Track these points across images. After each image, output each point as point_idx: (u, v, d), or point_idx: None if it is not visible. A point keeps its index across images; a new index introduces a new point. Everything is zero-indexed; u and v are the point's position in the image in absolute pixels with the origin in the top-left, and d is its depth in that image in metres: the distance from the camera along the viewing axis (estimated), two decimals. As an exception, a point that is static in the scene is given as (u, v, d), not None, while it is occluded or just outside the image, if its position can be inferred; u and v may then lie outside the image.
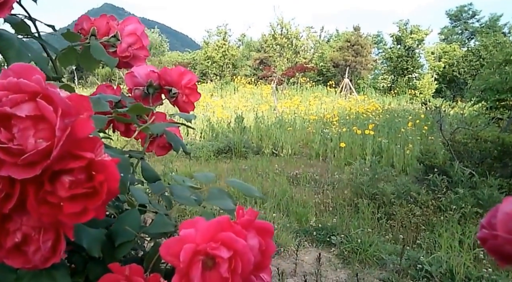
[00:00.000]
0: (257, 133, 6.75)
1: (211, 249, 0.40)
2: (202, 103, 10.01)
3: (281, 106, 9.24)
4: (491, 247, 0.32)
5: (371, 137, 5.68)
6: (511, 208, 0.32)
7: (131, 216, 0.47)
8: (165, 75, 0.79)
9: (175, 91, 0.79)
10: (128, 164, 0.43)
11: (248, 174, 4.64)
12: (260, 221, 0.45)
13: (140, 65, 0.67)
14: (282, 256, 2.63)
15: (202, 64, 16.32)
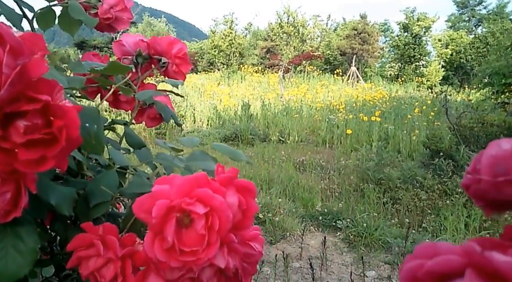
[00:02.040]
0: (263, 121, 6.72)
1: (186, 204, 0.37)
2: (209, 92, 10.00)
3: (288, 95, 9.19)
4: (475, 192, 0.29)
5: (378, 124, 5.62)
6: (496, 150, 0.29)
7: (108, 177, 0.45)
8: (155, 44, 0.77)
9: (165, 61, 0.76)
10: (96, 115, 0.40)
11: (255, 160, 4.62)
12: (241, 180, 0.43)
13: (124, 28, 0.64)
14: (288, 240, 2.62)
15: (209, 54, 16.25)
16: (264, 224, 2.78)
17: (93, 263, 0.40)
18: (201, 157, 0.49)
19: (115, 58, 0.76)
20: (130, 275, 0.41)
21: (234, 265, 0.41)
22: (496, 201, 0.29)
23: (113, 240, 0.40)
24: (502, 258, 0.18)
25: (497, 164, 0.29)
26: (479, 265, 0.19)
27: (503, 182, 0.28)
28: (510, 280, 0.18)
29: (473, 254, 0.19)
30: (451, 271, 0.19)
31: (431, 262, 0.20)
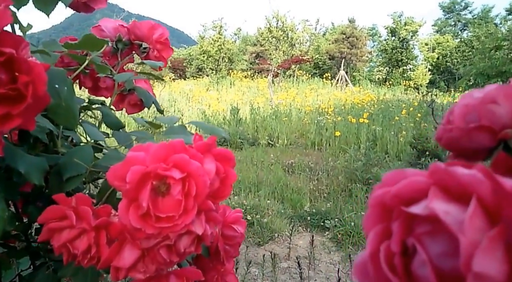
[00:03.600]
0: (253, 125, 6.72)
1: (162, 170, 0.37)
2: (197, 97, 9.98)
3: (277, 99, 9.21)
4: (447, 142, 0.29)
5: (366, 125, 5.67)
6: (468, 100, 0.29)
7: (83, 151, 0.44)
8: (135, 29, 0.76)
9: (146, 46, 0.75)
10: (65, 76, 0.39)
11: (243, 164, 4.61)
12: (220, 148, 0.42)
13: (101, 7, 0.63)
14: (276, 241, 2.61)
15: (198, 59, 16.24)
16: (252, 225, 2.77)
17: (66, 234, 0.39)
18: (179, 130, 0.48)
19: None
20: (105, 246, 0.40)
21: (212, 233, 0.40)
22: (467, 149, 0.29)
23: (87, 210, 0.39)
24: (465, 172, 0.17)
25: (469, 113, 0.29)
26: (444, 182, 0.18)
27: (473, 128, 0.28)
28: (472, 193, 0.17)
29: (438, 172, 0.18)
30: (418, 193, 0.19)
31: (398, 186, 0.19)
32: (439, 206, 0.17)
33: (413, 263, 0.18)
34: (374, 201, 0.20)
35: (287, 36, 15.00)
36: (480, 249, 0.16)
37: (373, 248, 0.19)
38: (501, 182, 0.17)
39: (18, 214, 0.53)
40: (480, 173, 0.17)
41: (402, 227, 0.19)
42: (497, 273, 0.16)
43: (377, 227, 0.20)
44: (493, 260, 0.16)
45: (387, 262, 0.19)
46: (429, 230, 0.18)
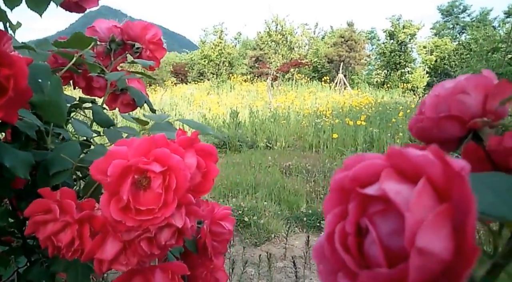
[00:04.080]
0: (251, 128, 6.73)
1: (143, 163, 0.37)
2: (198, 101, 9.99)
3: (276, 102, 9.22)
4: (418, 131, 0.30)
5: (363, 128, 5.67)
6: (439, 90, 0.30)
7: (70, 147, 0.45)
8: (128, 29, 0.77)
9: (139, 46, 0.76)
10: (48, 70, 0.40)
11: (241, 166, 4.61)
12: (202, 143, 0.43)
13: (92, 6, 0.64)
14: (273, 242, 2.61)
15: (199, 64, 16.27)
16: (249, 227, 2.77)
17: (50, 227, 0.40)
18: (165, 127, 0.49)
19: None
20: (88, 239, 0.40)
21: (192, 226, 0.41)
22: (438, 138, 0.30)
23: (70, 204, 0.40)
24: (418, 153, 0.18)
25: (440, 103, 0.29)
26: (399, 164, 0.19)
27: (443, 117, 0.28)
28: (423, 173, 0.18)
29: (394, 155, 0.19)
30: (375, 175, 0.19)
31: (355, 168, 0.20)
32: (391, 186, 0.18)
33: (365, 243, 0.19)
34: (334, 185, 0.21)
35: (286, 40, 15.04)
36: (424, 225, 0.16)
37: (330, 229, 0.20)
38: (451, 163, 0.17)
39: (14, 211, 0.54)
40: (431, 154, 0.18)
41: (357, 208, 0.19)
42: (441, 250, 0.17)
43: (335, 210, 0.21)
44: (438, 237, 0.17)
45: (341, 242, 0.19)
46: (381, 210, 0.18)
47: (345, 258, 0.19)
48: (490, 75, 0.28)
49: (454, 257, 0.17)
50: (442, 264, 0.17)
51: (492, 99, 0.27)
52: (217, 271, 0.74)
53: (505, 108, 0.28)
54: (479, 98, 0.28)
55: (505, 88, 0.27)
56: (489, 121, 0.28)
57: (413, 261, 0.16)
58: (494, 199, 0.22)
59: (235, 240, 2.68)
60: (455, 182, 0.17)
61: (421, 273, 0.17)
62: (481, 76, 0.28)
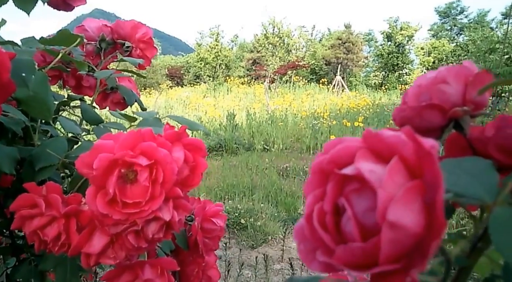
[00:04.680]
0: (248, 130, 6.73)
1: (129, 157, 0.37)
2: (194, 104, 9.99)
3: (273, 104, 9.23)
4: (400, 121, 0.30)
5: (361, 129, 5.69)
6: (421, 81, 0.30)
7: (56, 142, 0.45)
8: (118, 28, 0.77)
9: (129, 45, 0.76)
10: (32, 65, 0.40)
11: (238, 169, 4.61)
12: (190, 138, 0.43)
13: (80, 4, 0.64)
14: (270, 244, 2.61)
15: (195, 67, 16.29)
16: (246, 229, 2.77)
17: (36, 222, 0.40)
18: (154, 123, 0.49)
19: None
20: (74, 233, 0.40)
21: (180, 219, 0.41)
22: (420, 128, 0.30)
23: (56, 198, 0.39)
24: (390, 134, 0.18)
25: (422, 93, 0.30)
26: (373, 145, 0.19)
27: (424, 106, 0.28)
28: (396, 152, 0.18)
29: (369, 136, 0.19)
30: (351, 157, 0.19)
31: (333, 151, 0.20)
32: (365, 165, 0.18)
33: (342, 221, 0.19)
34: (314, 168, 0.21)
35: (283, 42, 15.09)
36: (395, 200, 0.16)
37: (309, 209, 0.20)
38: (422, 142, 0.17)
39: (1, 209, 0.54)
40: (403, 135, 0.18)
41: (335, 188, 0.19)
42: (412, 224, 0.17)
43: (315, 191, 0.21)
44: (409, 211, 0.17)
45: (319, 221, 0.19)
46: (356, 188, 0.18)
47: (323, 236, 0.19)
48: (470, 66, 0.29)
49: (426, 232, 0.17)
50: (414, 238, 0.17)
51: (471, 89, 0.28)
52: (209, 269, 0.74)
53: (485, 98, 0.29)
54: (459, 88, 0.28)
55: (484, 78, 0.27)
56: (469, 111, 0.28)
57: (384, 234, 0.16)
58: (470, 181, 0.22)
59: (231, 242, 2.68)
60: (425, 160, 0.17)
61: (393, 246, 0.17)
62: (461, 67, 0.29)
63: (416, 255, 0.18)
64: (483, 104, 0.29)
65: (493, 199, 0.21)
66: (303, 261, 0.21)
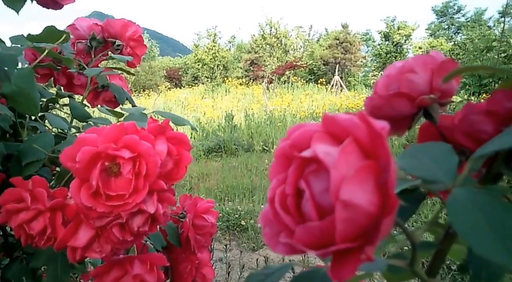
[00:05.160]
0: (247, 131, 6.73)
1: (112, 150, 0.38)
2: (192, 105, 10.00)
3: (272, 105, 9.23)
4: (370, 110, 0.31)
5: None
6: (390, 70, 0.31)
7: (43, 138, 0.45)
8: (108, 27, 0.77)
9: (119, 43, 0.77)
10: (15, 59, 0.40)
11: (238, 170, 4.62)
12: (174, 131, 0.44)
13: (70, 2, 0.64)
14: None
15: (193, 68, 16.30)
16: (246, 231, 2.77)
17: (22, 216, 0.40)
18: (139, 117, 0.50)
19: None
20: (60, 227, 0.41)
21: (165, 212, 0.41)
22: (390, 116, 0.30)
23: (41, 192, 0.40)
24: (344, 117, 0.19)
25: (391, 82, 0.30)
26: (330, 129, 0.20)
27: (393, 95, 0.29)
28: (350, 134, 0.19)
29: (326, 120, 0.20)
30: (310, 140, 0.20)
31: (294, 135, 0.21)
32: (321, 148, 0.19)
33: (302, 203, 0.20)
34: (277, 153, 0.22)
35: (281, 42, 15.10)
36: (347, 179, 0.17)
37: (272, 193, 0.21)
38: (373, 124, 0.18)
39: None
40: (356, 118, 0.19)
41: (296, 171, 0.20)
42: (366, 203, 0.17)
43: (279, 176, 0.21)
44: (361, 190, 0.17)
45: (281, 204, 0.20)
46: (313, 170, 0.19)
47: (284, 217, 0.19)
48: (437, 56, 0.29)
49: (381, 211, 0.18)
50: (369, 217, 0.18)
51: (437, 77, 0.28)
52: (203, 267, 0.75)
53: (452, 86, 0.29)
54: (426, 76, 0.29)
55: (449, 66, 0.28)
56: (436, 98, 0.29)
57: (338, 213, 0.17)
58: (431, 165, 0.23)
59: (232, 244, 2.68)
60: (377, 141, 0.18)
61: (348, 225, 0.17)
62: (428, 56, 0.29)
63: (373, 235, 0.18)
64: (450, 93, 0.29)
65: (452, 181, 0.22)
66: (268, 245, 0.21)
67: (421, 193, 0.29)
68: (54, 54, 0.53)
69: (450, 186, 0.21)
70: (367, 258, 0.17)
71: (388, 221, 0.17)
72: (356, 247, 0.18)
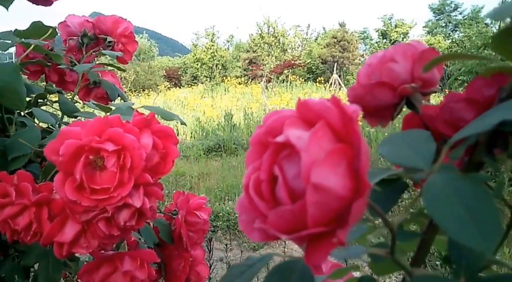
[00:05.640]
0: (247, 130, 6.72)
1: (96, 142, 0.38)
2: (192, 104, 9.99)
3: (271, 104, 9.22)
4: (353, 100, 0.31)
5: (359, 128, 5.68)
6: (372, 60, 0.30)
7: (29, 133, 0.45)
8: (100, 23, 0.77)
9: (111, 40, 0.77)
10: None
11: (238, 170, 4.61)
12: (161, 125, 0.43)
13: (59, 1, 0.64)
14: (271, 245, 2.61)
15: (192, 68, 16.29)
16: (247, 231, 2.76)
17: (8, 211, 0.40)
18: (126, 111, 0.49)
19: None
20: (46, 222, 0.40)
21: (152, 206, 0.41)
22: (372, 106, 0.30)
23: (26, 186, 0.40)
24: (316, 101, 0.19)
25: (372, 72, 0.30)
26: (304, 114, 0.19)
27: (375, 84, 0.29)
28: (321, 117, 0.18)
29: (299, 105, 0.20)
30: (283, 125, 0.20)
31: (268, 122, 0.20)
32: (293, 132, 0.19)
33: (276, 188, 0.19)
34: (253, 140, 0.22)
35: (279, 41, 15.09)
36: (318, 162, 0.17)
37: (247, 180, 0.21)
38: (345, 108, 0.18)
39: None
40: (328, 102, 0.19)
41: (270, 156, 0.20)
42: (338, 187, 0.17)
43: (254, 163, 0.21)
44: (333, 173, 0.17)
45: (255, 190, 0.20)
46: (286, 155, 0.19)
47: (258, 203, 0.19)
48: (418, 45, 0.29)
49: (353, 195, 0.18)
50: (342, 201, 0.17)
51: (418, 66, 0.28)
52: (197, 265, 0.74)
53: (434, 75, 0.29)
54: (408, 65, 0.29)
55: (430, 55, 0.28)
56: (417, 87, 0.28)
57: (309, 196, 0.17)
58: (409, 152, 0.22)
59: (232, 244, 2.67)
60: (348, 125, 0.18)
61: (320, 209, 0.17)
62: (409, 45, 0.29)
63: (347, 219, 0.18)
64: (433, 82, 0.29)
65: (429, 167, 0.21)
66: (244, 232, 0.21)
67: (403, 183, 0.28)
68: (42, 50, 0.53)
69: (427, 172, 0.21)
70: (339, 242, 0.17)
71: (359, 204, 0.17)
72: (329, 231, 0.18)
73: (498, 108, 0.20)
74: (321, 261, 0.18)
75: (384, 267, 0.30)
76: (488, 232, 0.17)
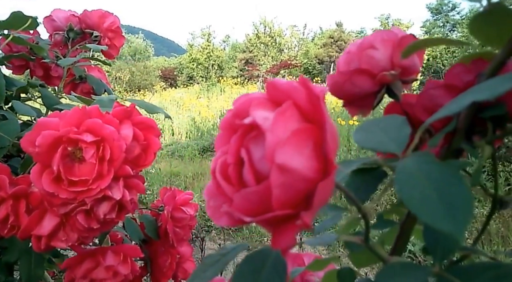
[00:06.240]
0: (242, 131, 6.70)
1: (74, 134, 0.37)
2: (187, 105, 9.97)
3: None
4: (332, 88, 0.30)
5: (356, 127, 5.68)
6: (351, 47, 0.30)
7: (8, 125, 0.44)
8: (86, 18, 0.76)
9: (97, 34, 0.76)
10: None
11: (232, 169, 4.59)
12: (142, 116, 0.43)
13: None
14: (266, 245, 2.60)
15: (188, 68, 16.25)
16: (241, 230, 2.76)
17: (-15, 203, 0.39)
18: (107, 103, 0.49)
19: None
20: (24, 215, 0.40)
21: (133, 199, 0.40)
22: (352, 94, 0.30)
23: (3, 179, 0.39)
24: (284, 82, 0.18)
25: (352, 59, 0.30)
26: (272, 95, 0.19)
27: (354, 71, 0.28)
28: (289, 97, 0.18)
29: (268, 86, 0.19)
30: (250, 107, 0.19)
31: (237, 104, 0.20)
32: (260, 113, 0.18)
33: (243, 171, 0.19)
34: (223, 124, 0.21)
35: (275, 41, 15.09)
36: (283, 142, 0.16)
37: (214, 164, 0.20)
38: (312, 88, 0.17)
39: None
40: (296, 82, 0.18)
41: (238, 139, 0.19)
42: (304, 168, 0.17)
43: (223, 147, 0.20)
44: (298, 154, 0.17)
45: (222, 173, 0.19)
46: (253, 136, 0.18)
47: (224, 187, 0.19)
48: (397, 31, 0.29)
49: (321, 177, 0.17)
50: (308, 183, 0.17)
51: (398, 53, 0.28)
52: (185, 261, 0.74)
53: (415, 62, 0.29)
54: (387, 52, 0.28)
55: (410, 41, 0.27)
56: (397, 75, 0.28)
57: (273, 177, 0.16)
58: (384, 137, 0.22)
59: (226, 243, 2.66)
60: (315, 105, 0.17)
61: (285, 190, 0.16)
62: (388, 31, 0.29)
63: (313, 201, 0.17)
64: (413, 69, 0.29)
65: (402, 151, 0.21)
66: (212, 218, 0.20)
67: (382, 171, 0.28)
68: (23, 42, 0.52)
69: (400, 156, 0.20)
70: (304, 225, 0.17)
71: (324, 185, 0.16)
72: (295, 214, 0.17)
73: (471, 90, 0.19)
74: (288, 245, 0.17)
75: (363, 258, 0.30)
76: (458, 215, 0.16)
